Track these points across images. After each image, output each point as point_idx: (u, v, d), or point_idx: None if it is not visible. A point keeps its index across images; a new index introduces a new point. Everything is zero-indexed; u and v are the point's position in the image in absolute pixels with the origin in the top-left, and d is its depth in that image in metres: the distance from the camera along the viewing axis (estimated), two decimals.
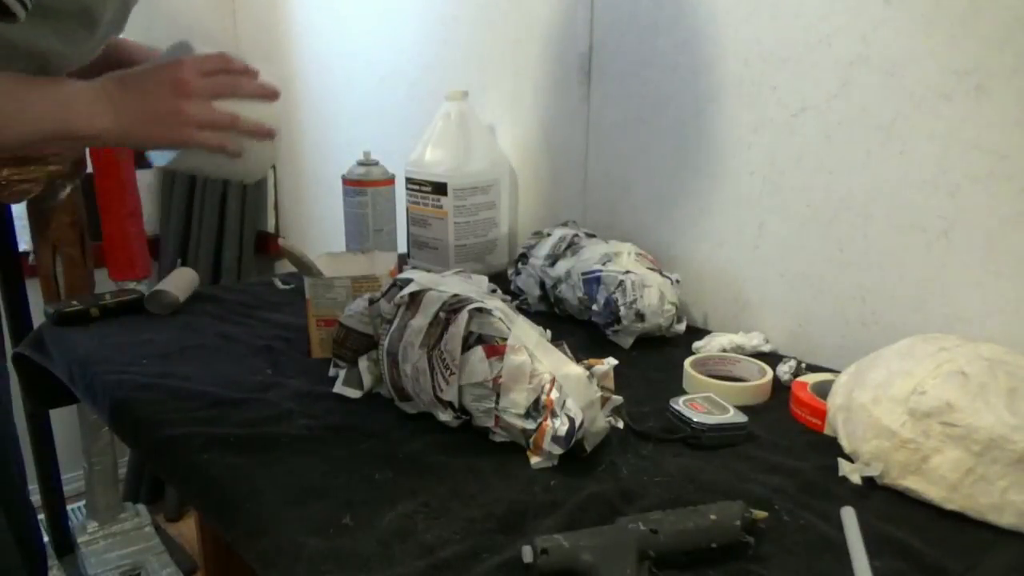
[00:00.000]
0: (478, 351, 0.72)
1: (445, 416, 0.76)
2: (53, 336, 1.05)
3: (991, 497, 0.62)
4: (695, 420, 0.74)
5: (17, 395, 1.13)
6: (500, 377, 0.71)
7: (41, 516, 1.82)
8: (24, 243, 1.72)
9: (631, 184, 1.17)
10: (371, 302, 0.84)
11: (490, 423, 0.73)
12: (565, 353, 0.73)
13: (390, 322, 0.81)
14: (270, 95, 0.79)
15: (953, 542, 0.60)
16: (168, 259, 2.09)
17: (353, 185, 1.30)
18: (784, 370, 0.89)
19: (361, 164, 1.34)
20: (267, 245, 2.17)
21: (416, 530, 0.60)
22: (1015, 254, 0.80)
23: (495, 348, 0.72)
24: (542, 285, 1.09)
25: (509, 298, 0.81)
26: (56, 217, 1.59)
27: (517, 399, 0.70)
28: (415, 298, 0.79)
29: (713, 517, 0.57)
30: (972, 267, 0.83)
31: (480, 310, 0.74)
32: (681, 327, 1.02)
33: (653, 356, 0.96)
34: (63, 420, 1.82)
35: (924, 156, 0.84)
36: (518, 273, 1.13)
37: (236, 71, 0.77)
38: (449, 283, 0.81)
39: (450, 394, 0.74)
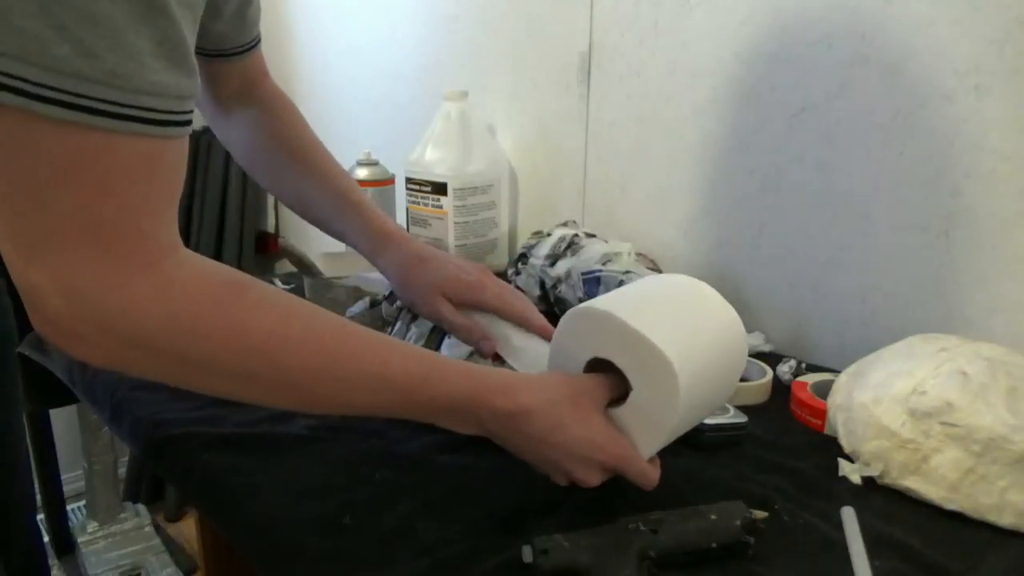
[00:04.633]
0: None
1: None
2: None
3: (991, 497, 0.62)
4: None
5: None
6: None
7: (41, 516, 1.82)
8: None
9: (631, 184, 1.16)
10: (372, 304, 0.84)
11: None
12: None
13: (392, 324, 0.80)
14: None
15: (953, 542, 0.60)
16: None
17: None
18: (784, 370, 0.89)
19: (361, 164, 1.34)
20: (267, 245, 2.16)
21: (416, 530, 0.60)
22: (1015, 254, 0.80)
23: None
24: (542, 285, 1.09)
25: None
26: None
27: None
28: None
29: (713, 517, 0.57)
30: (972, 267, 0.83)
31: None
32: None
33: None
34: (63, 420, 1.82)
35: (924, 156, 0.84)
36: (518, 273, 1.13)
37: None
38: None
39: None
